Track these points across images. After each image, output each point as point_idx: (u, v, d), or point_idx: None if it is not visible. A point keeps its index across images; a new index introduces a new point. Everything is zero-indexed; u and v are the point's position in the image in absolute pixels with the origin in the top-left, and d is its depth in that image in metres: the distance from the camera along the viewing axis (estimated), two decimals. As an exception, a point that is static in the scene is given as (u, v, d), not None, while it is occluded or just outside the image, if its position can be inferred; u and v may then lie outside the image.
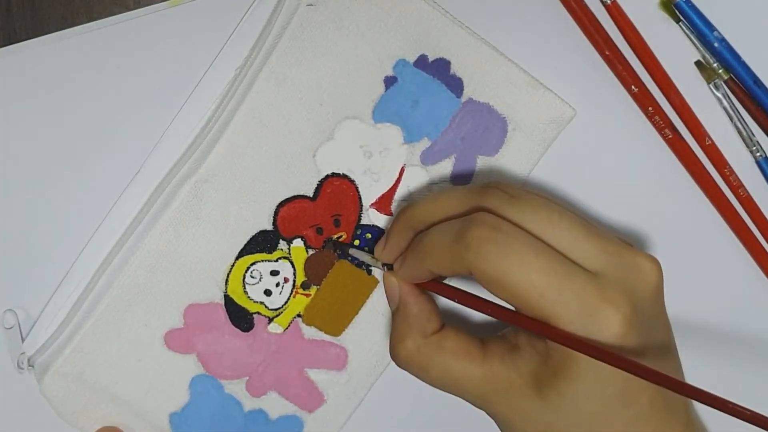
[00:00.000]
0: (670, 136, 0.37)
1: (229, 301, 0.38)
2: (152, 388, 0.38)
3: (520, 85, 0.37)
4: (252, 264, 0.37)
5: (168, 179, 0.36)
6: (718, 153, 0.38)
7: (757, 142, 0.38)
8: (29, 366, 0.37)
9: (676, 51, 0.37)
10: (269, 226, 0.37)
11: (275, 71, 0.36)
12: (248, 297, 0.38)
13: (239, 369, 0.38)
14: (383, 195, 0.38)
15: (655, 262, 0.31)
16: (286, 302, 0.38)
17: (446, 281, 0.36)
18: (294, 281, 0.38)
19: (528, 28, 0.37)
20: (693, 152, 0.38)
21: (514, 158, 0.38)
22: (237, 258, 0.37)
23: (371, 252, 0.37)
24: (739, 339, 0.39)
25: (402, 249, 0.34)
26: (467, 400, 0.32)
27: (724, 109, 0.37)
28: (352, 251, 0.37)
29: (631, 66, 0.37)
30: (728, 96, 0.37)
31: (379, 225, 0.38)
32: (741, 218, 0.38)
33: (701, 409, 0.37)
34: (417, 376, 0.33)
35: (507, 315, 0.30)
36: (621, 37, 0.37)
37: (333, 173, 0.37)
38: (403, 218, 0.34)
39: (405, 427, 0.40)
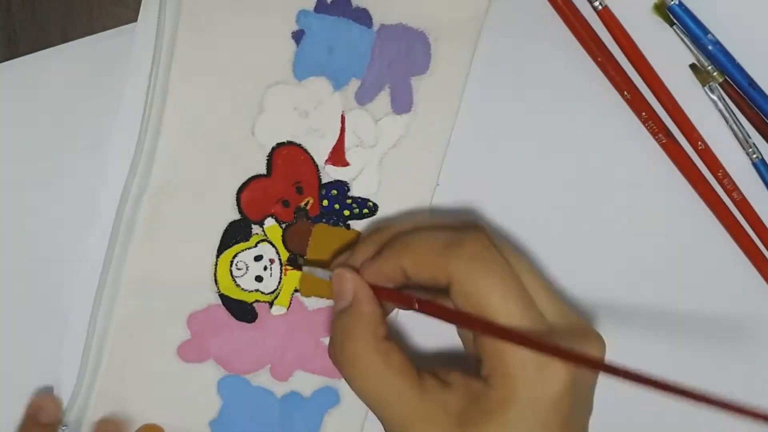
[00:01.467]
0: (664, 141, 0.37)
1: (225, 299, 0.38)
2: (183, 405, 0.38)
3: (425, -6, 0.36)
4: (234, 256, 0.37)
5: (123, 201, 0.36)
6: (712, 156, 0.38)
7: (753, 144, 0.38)
8: (63, 427, 0.37)
9: (670, 55, 0.37)
10: (236, 216, 0.37)
11: (185, 66, 0.36)
12: (242, 289, 0.38)
13: (258, 360, 0.38)
14: (334, 148, 0.37)
15: (601, 339, 0.32)
16: (279, 282, 0.38)
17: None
18: (279, 260, 0.38)
19: (519, 33, 0.37)
20: (688, 156, 0.38)
21: (446, 68, 0.37)
22: (218, 256, 0.37)
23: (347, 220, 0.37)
24: (737, 342, 0.39)
25: (369, 254, 0.34)
26: (385, 421, 0.31)
27: (720, 111, 0.37)
28: (306, 269, 0.36)
29: (624, 71, 0.37)
30: (723, 99, 0.37)
31: (341, 179, 0.38)
32: (737, 221, 0.38)
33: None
34: (349, 379, 0.32)
35: (478, 323, 0.31)
36: (615, 43, 0.37)
37: (278, 144, 0.37)
38: (380, 233, 0.35)
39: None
